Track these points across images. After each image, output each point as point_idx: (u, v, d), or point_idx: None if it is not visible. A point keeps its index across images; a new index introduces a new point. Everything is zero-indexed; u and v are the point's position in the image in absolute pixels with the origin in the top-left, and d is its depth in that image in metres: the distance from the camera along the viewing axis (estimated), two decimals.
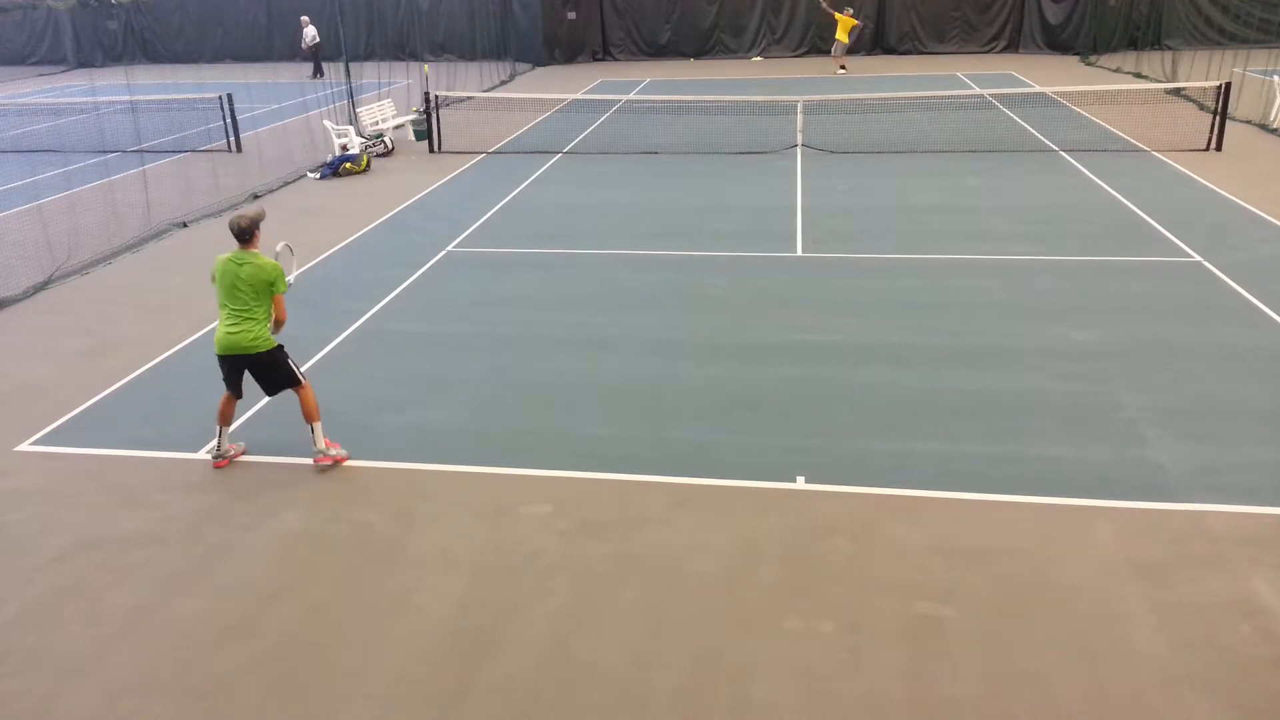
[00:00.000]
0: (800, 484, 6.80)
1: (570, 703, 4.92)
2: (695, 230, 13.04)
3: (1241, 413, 7.58)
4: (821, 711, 4.81)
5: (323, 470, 7.20)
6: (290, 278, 7.32)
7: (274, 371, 7.04)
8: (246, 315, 6.85)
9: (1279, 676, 4.90)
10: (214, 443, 7.39)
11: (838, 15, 28.78)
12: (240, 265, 6.81)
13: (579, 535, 6.31)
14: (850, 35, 28.84)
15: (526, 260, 12.04)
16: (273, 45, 36.88)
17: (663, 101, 23.13)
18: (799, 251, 12.01)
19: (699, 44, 34.50)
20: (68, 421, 8.13)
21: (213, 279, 6.93)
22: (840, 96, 21.16)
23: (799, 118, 18.94)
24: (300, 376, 7.13)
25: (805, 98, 19.43)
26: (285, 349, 7.11)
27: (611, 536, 6.29)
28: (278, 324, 7.10)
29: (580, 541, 6.24)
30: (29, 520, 6.69)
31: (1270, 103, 19.20)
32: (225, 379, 7.11)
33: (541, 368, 8.86)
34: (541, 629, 5.45)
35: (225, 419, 7.21)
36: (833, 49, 29.32)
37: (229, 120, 19.39)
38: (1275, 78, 19.64)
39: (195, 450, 7.54)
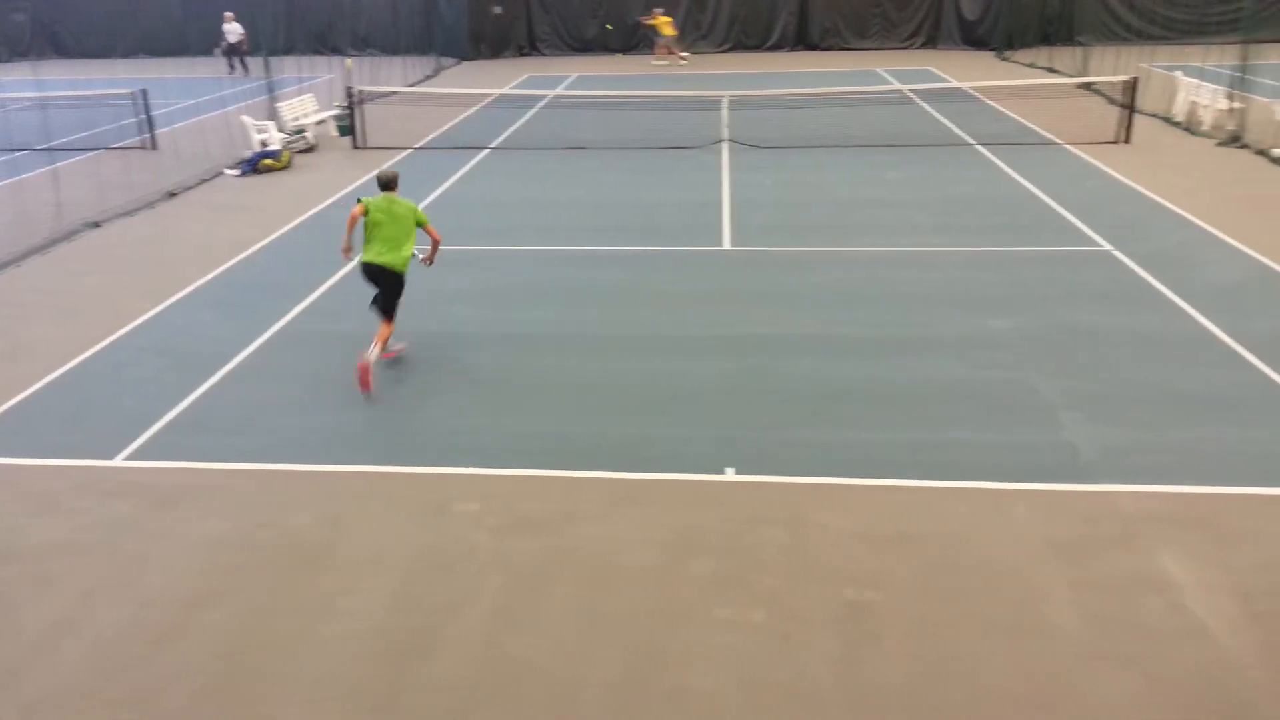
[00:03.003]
0: (730, 476, 6.89)
1: (505, 700, 4.92)
2: (624, 226, 13.08)
3: (1149, 396, 7.89)
4: (754, 699, 4.89)
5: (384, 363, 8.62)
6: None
7: (398, 290, 8.66)
8: (396, 243, 8.50)
9: (1188, 648, 5.13)
10: (374, 354, 8.35)
11: (655, 20, 30.43)
12: (392, 204, 8.56)
13: (511, 532, 6.31)
14: (674, 26, 30.77)
15: (456, 257, 11.94)
16: (189, 40, 35.83)
17: (590, 97, 23.10)
18: (727, 246, 12.13)
19: (625, 39, 34.53)
20: None
21: (364, 212, 8.47)
22: (765, 92, 21.39)
23: (725, 113, 19.09)
24: (396, 311, 8.72)
25: (731, 93, 19.59)
26: (404, 284, 8.65)
27: (544, 533, 6.30)
28: (435, 246, 8.94)
29: (513, 538, 6.24)
30: None
31: (1174, 97, 19.95)
32: (375, 295, 8.63)
33: (471, 364, 8.81)
34: (475, 627, 5.44)
35: (383, 344, 8.51)
36: (663, 45, 30.75)
37: (144, 117, 18.84)
38: (1179, 73, 20.41)
39: (113, 457, 7.33)
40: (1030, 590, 5.62)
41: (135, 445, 7.48)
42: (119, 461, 7.28)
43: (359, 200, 8.54)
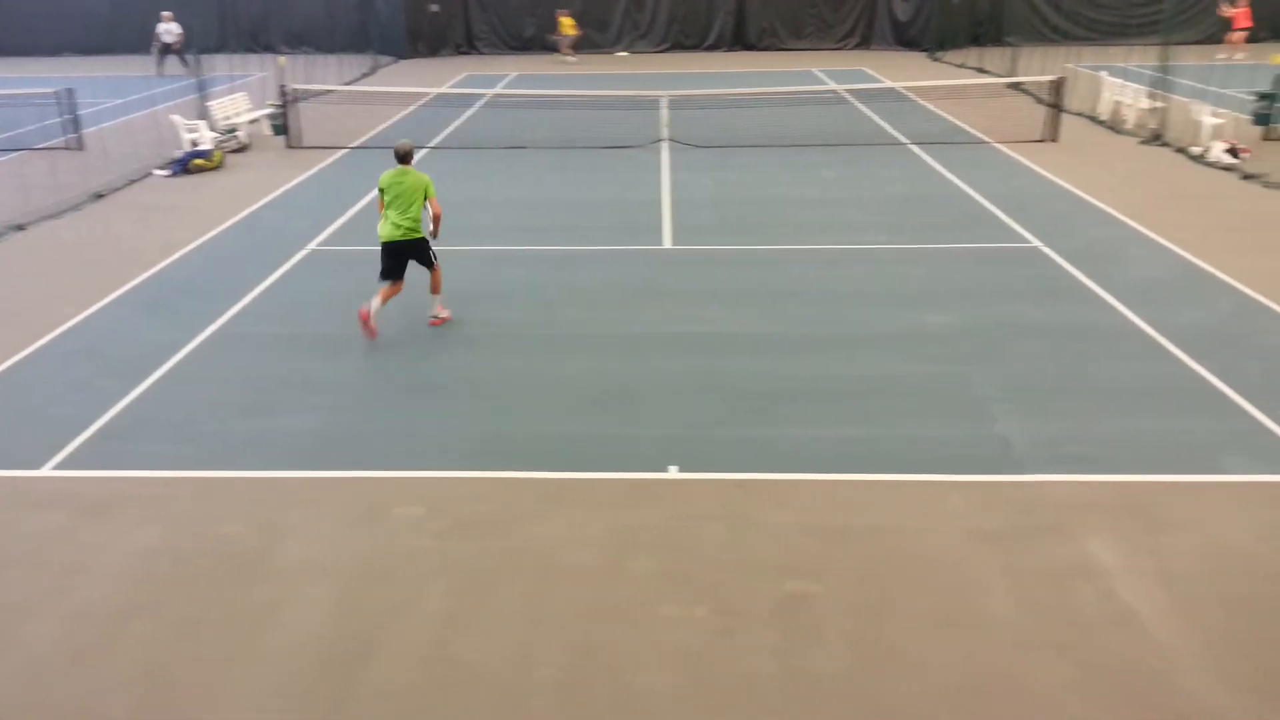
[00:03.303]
0: (673, 474, 6.92)
1: (451, 705, 4.89)
2: (565, 225, 13.06)
3: (1078, 388, 8.11)
4: (699, 695, 4.92)
5: (434, 328, 9.51)
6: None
7: (423, 254, 9.37)
8: (407, 213, 9.11)
9: (1118, 633, 5.29)
10: (374, 304, 9.16)
11: (562, 21, 31.64)
12: (404, 176, 9.11)
13: (453, 535, 6.27)
14: (576, 27, 31.92)
15: None
16: (117, 38, 34.85)
17: (529, 96, 23.01)
18: (668, 245, 12.18)
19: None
20: None
21: (380, 189, 9.17)
22: (704, 92, 21.51)
23: (664, 112, 19.15)
24: (435, 260, 9.49)
25: (670, 93, 19.66)
26: (429, 240, 9.38)
27: (486, 535, 6.27)
28: (436, 219, 9.39)
29: (455, 541, 6.20)
30: None
31: (1099, 97, 20.51)
32: (385, 269, 9.29)
33: (411, 367, 8.73)
34: (418, 632, 5.39)
35: (384, 300, 9.23)
36: (562, 44, 31.77)
37: (70, 116, 18.29)
38: (1103, 73, 20.98)
39: (40, 466, 7.12)
40: (966, 580, 5.74)
41: (64, 454, 7.28)
42: (47, 471, 7.08)
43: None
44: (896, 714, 4.78)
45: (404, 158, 9.17)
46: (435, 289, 9.59)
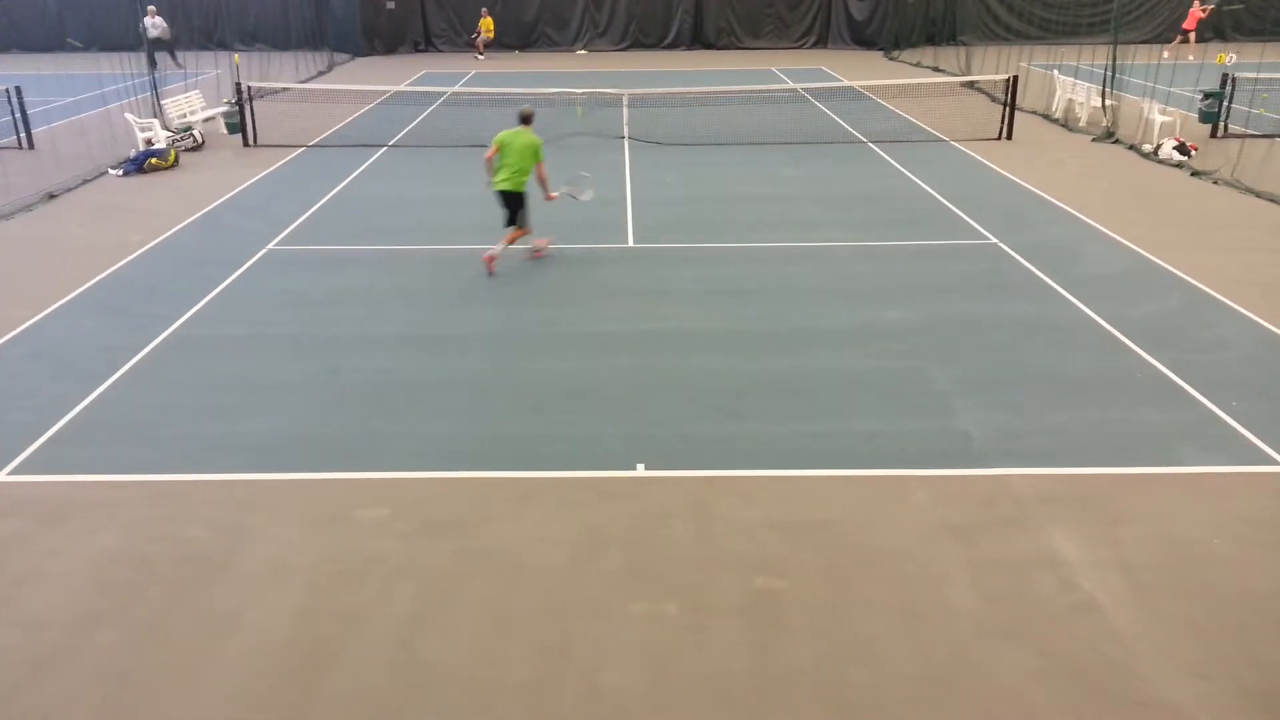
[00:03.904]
0: (640, 471, 6.94)
1: (418, 706, 4.87)
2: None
3: (1037, 382, 8.25)
4: (669, 691, 4.94)
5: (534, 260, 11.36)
6: (586, 195, 12.07)
7: (520, 205, 11.00)
8: (518, 168, 10.78)
9: (1079, 622, 5.39)
10: (498, 249, 11.03)
11: (482, 21, 32.62)
12: (519, 136, 10.81)
13: (420, 536, 6.23)
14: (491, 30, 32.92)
15: (354, 257, 11.72)
16: (65, 35, 34.13)
17: (488, 94, 22.89)
18: (630, 242, 12.19)
19: (523, 36, 34.36)
20: None
21: (497, 143, 10.82)
22: (664, 90, 21.54)
23: (625, 110, 19.16)
24: (522, 223, 11.09)
25: (630, 90, 19.67)
26: (527, 198, 10.99)
27: (453, 535, 6.24)
28: (542, 182, 11.04)
29: (421, 542, 6.16)
30: None
31: (1052, 95, 20.84)
32: (506, 216, 11.09)
33: (374, 367, 8.66)
34: (385, 634, 5.36)
35: (507, 244, 11.05)
36: (480, 44, 32.70)
37: (18, 115, 17.89)
38: (1056, 72, 21.33)
39: None
40: (930, 572, 5.82)
41: (20, 459, 7.13)
42: (3, 477, 6.93)
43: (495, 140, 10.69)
44: (863, 705, 4.84)
45: (525, 119, 10.92)
46: (509, 241, 11.03)
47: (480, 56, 32.55)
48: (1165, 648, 5.18)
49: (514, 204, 10.94)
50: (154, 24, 28.74)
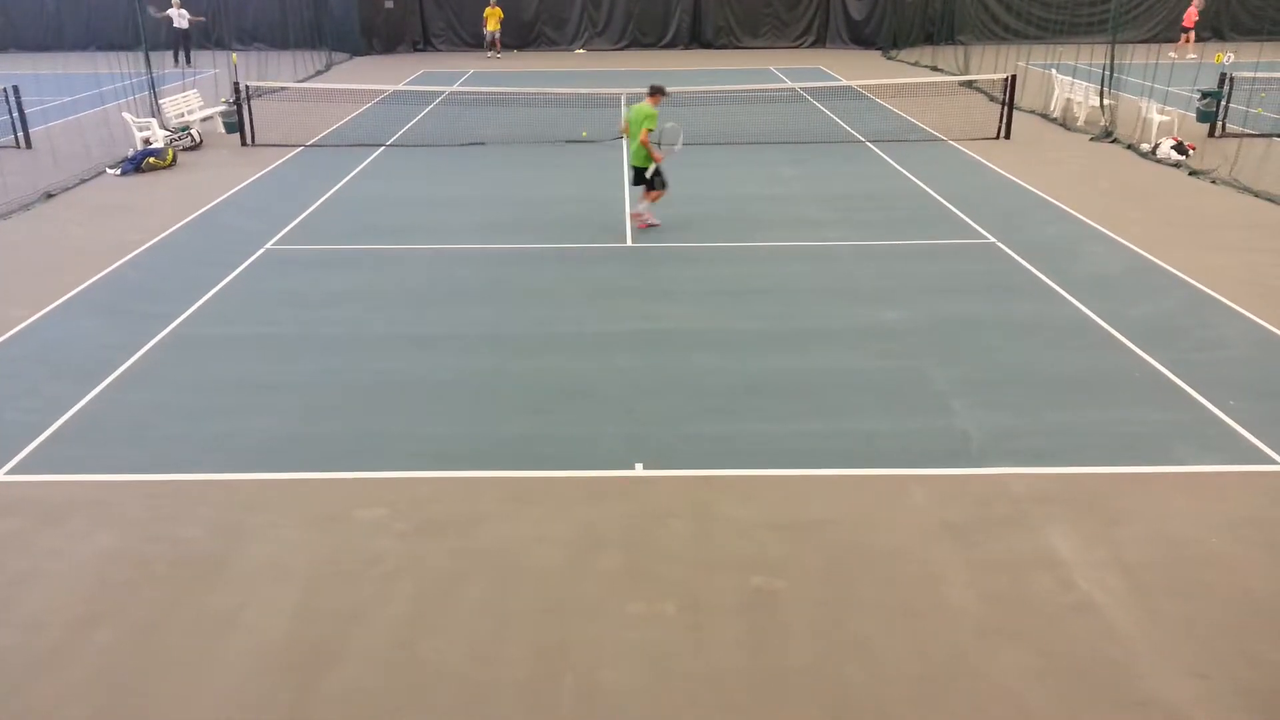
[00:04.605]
0: (639, 471, 6.93)
1: (416, 706, 4.86)
2: (525, 223, 13.02)
3: (1035, 382, 8.25)
4: (667, 691, 4.94)
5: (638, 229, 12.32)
6: (677, 146, 12.48)
7: (643, 176, 12.09)
8: (634, 139, 11.87)
9: (1077, 622, 5.39)
10: (641, 206, 12.46)
11: (488, 11, 32.16)
12: (635, 110, 11.79)
13: (418, 536, 6.23)
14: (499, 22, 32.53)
15: (353, 257, 11.71)
16: (64, 34, 34.10)
17: (487, 93, 22.89)
18: (628, 242, 12.19)
19: (521, 36, 34.34)
20: None
21: (626, 121, 12.11)
22: None
23: (624, 109, 19.13)
24: (655, 186, 12.16)
25: (629, 90, 19.65)
26: (649, 169, 12.02)
27: (451, 535, 6.24)
28: (646, 147, 11.84)
29: (419, 542, 6.16)
30: None
31: (1050, 94, 20.85)
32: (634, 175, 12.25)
33: (372, 367, 8.66)
34: (383, 634, 5.35)
35: (648, 201, 12.30)
36: (489, 39, 32.51)
37: (16, 114, 17.87)
38: (1054, 71, 21.33)
39: None
40: (928, 572, 5.82)
41: (18, 459, 7.13)
42: (1, 476, 6.94)
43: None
44: (862, 704, 4.83)
45: (652, 93, 11.89)
46: (649, 198, 12.23)
47: (498, 55, 32.26)
48: (1163, 647, 5.18)
49: (639, 173, 11.97)
50: (180, 14, 28.62)
